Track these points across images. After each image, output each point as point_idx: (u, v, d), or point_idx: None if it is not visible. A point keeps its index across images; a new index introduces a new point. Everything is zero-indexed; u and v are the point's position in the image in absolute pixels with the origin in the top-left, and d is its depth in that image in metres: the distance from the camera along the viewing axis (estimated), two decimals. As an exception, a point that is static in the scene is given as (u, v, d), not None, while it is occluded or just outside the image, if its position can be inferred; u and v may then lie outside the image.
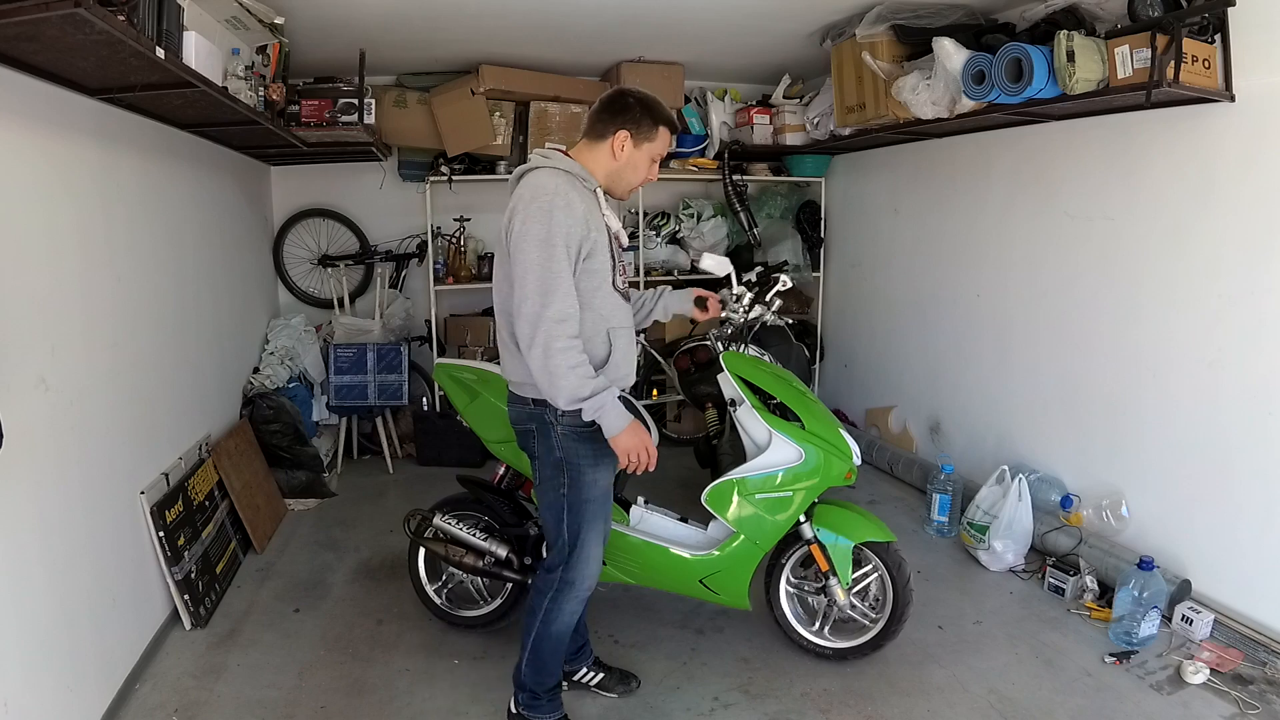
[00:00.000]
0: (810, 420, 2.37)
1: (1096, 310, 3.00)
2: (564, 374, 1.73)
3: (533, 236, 1.71)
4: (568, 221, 1.73)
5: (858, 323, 4.67)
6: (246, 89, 2.69)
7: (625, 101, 1.88)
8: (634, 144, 1.88)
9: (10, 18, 1.43)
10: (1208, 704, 2.25)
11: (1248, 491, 2.51)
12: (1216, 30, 2.43)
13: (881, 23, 3.26)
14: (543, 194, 1.74)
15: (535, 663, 2.05)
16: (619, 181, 1.92)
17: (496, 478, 2.63)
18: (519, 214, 1.75)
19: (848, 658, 2.45)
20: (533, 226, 1.71)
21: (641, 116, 1.87)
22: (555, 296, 1.71)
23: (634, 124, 1.87)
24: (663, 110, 1.91)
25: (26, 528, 1.85)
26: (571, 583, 1.97)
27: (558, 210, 1.72)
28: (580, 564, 1.96)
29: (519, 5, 3.12)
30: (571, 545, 1.95)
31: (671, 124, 1.93)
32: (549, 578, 2.00)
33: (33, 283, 1.92)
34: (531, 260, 1.71)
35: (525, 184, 1.81)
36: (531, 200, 1.74)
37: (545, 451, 1.91)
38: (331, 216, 4.48)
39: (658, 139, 1.90)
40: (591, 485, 1.92)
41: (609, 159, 1.88)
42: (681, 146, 4.56)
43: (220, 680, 2.37)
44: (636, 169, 1.91)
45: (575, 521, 1.93)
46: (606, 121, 1.88)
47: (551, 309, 1.71)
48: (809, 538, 2.37)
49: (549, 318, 1.71)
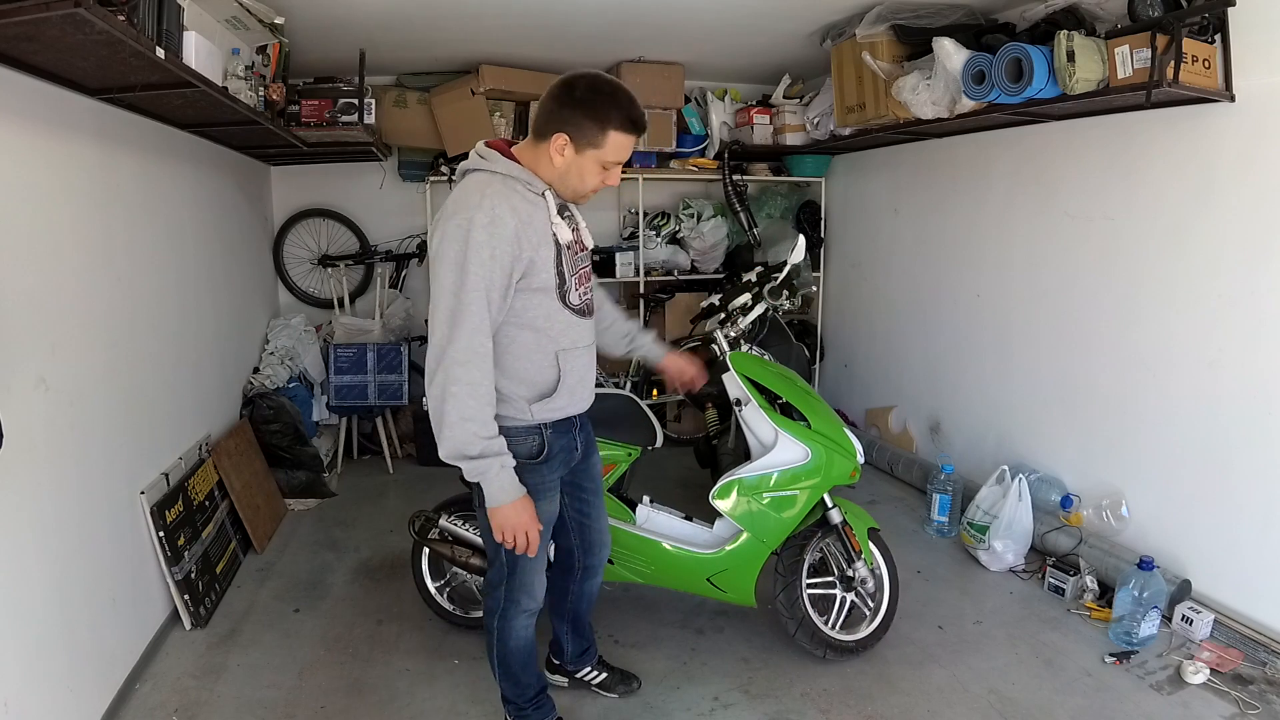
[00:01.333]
0: (816, 419, 2.39)
1: (1096, 310, 3.00)
2: (453, 424, 1.53)
3: (449, 259, 1.52)
4: (491, 243, 1.52)
5: (858, 323, 4.67)
6: (246, 89, 2.69)
7: (569, 96, 1.59)
8: (574, 149, 1.61)
9: (10, 18, 1.43)
10: (1208, 704, 2.25)
11: (1248, 491, 2.51)
12: (1216, 30, 2.43)
13: (881, 23, 3.26)
14: (465, 208, 1.53)
15: (508, 679, 2.00)
16: (565, 187, 1.68)
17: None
18: (439, 229, 1.55)
19: (866, 648, 2.46)
20: (449, 247, 1.52)
21: (584, 119, 1.58)
22: (462, 331, 1.52)
23: (574, 126, 1.59)
24: (616, 111, 1.59)
25: (26, 528, 1.85)
26: (516, 601, 1.88)
27: (477, 229, 1.51)
28: (520, 585, 1.87)
29: (519, 5, 3.12)
30: (510, 568, 1.85)
31: (629, 126, 1.61)
32: (494, 595, 1.91)
33: (33, 283, 1.92)
34: (445, 285, 1.52)
35: (454, 191, 1.63)
36: (452, 215, 1.54)
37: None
38: (332, 216, 4.48)
39: (606, 145, 1.61)
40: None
41: (549, 163, 1.64)
42: (681, 146, 4.57)
43: (220, 680, 2.37)
44: (583, 176, 1.65)
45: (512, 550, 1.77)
46: (545, 120, 1.62)
47: (458, 345, 1.52)
48: (838, 521, 2.42)
49: (451, 356, 1.52)
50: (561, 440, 1.81)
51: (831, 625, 2.45)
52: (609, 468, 2.46)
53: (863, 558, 2.47)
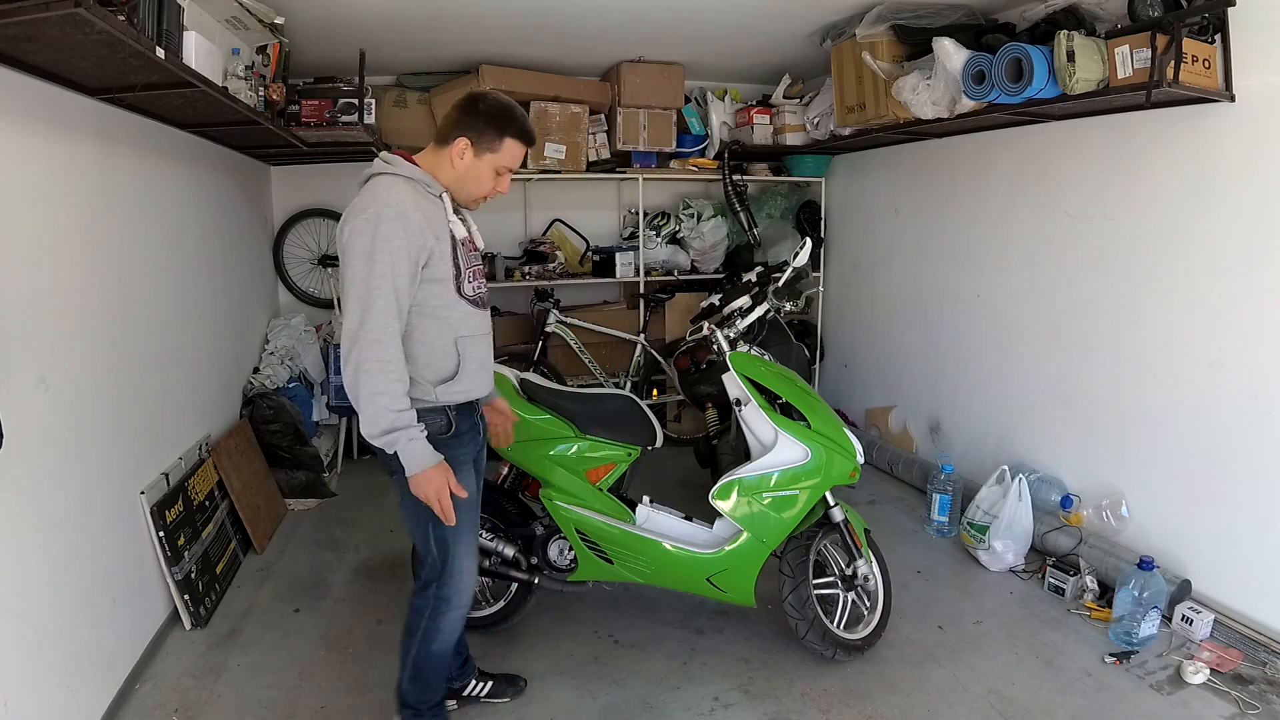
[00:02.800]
0: (816, 419, 2.39)
1: (1096, 310, 3.00)
2: (368, 399, 1.64)
3: (357, 250, 1.64)
4: (402, 233, 1.65)
5: (858, 323, 4.67)
6: (246, 89, 2.69)
7: (474, 107, 1.78)
8: (474, 153, 1.78)
9: (10, 18, 1.43)
10: (1208, 704, 2.25)
11: (1248, 491, 2.51)
12: (1216, 30, 2.43)
13: (881, 23, 3.26)
14: (374, 204, 1.66)
15: (418, 680, 1.99)
16: (461, 191, 1.82)
17: (500, 478, 2.64)
18: (348, 223, 1.67)
19: (870, 646, 2.48)
20: (358, 240, 1.64)
21: (485, 125, 1.76)
22: (373, 314, 1.63)
23: (476, 132, 1.76)
24: (513, 122, 1.79)
25: (26, 527, 1.85)
26: (448, 599, 1.90)
27: (385, 222, 1.64)
28: (454, 579, 1.89)
29: (519, 5, 3.12)
30: (442, 560, 1.87)
31: (524, 136, 1.81)
32: (425, 595, 1.92)
33: (33, 283, 1.92)
34: (355, 273, 1.64)
35: (362, 192, 1.74)
36: (361, 210, 1.66)
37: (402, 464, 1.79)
38: (332, 216, 4.48)
39: (502, 150, 1.79)
40: (456, 497, 1.81)
41: (449, 166, 1.79)
42: (681, 146, 4.57)
43: (220, 680, 2.37)
44: (479, 179, 1.81)
45: (443, 535, 1.85)
46: (449, 127, 1.79)
47: (369, 326, 1.63)
48: (840, 519, 2.44)
49: (364, 337, 1.63)
50: (467, 420, 1.91)
51: (836, 625, 2.46)
52: (609, 468, 2.46)
53: (863, 555, 2.48)
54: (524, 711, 2.24)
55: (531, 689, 2.34)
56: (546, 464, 2.42)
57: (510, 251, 4.68)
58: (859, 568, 2.48)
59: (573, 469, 2.43)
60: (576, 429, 2.43)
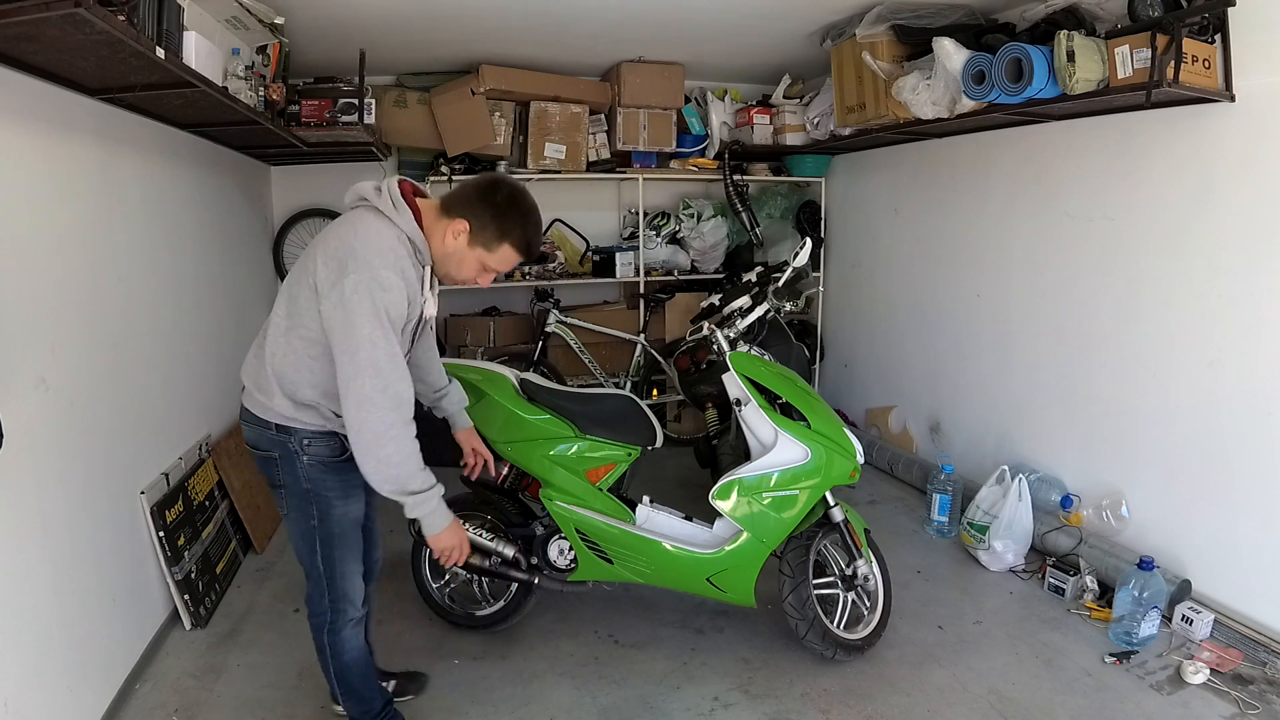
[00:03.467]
0: (816, 419, 2.39)
1: (1096, 310, 3.00)
2: (397, 464, 1.64)
3: (365, 310, 1.57)
4: (399, 300, 1.63)
5: (858, 323, 4.67)
6: (246, 89, 2.69)
7: (491, 197, 1.72)
8: (469, 241, 1.72)
9: (10, 18, 1.43)
10: (1208, 704, 2.25)
11: (1247, 491, 2.51)
12: (1216, 30, 2.43)
13: (881, 23, 3.26)
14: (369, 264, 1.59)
15: (351, 696, 2.00)
16: (442, 266, 1.77)
17: (500, 478, 2.63)
18: (351, 271, 1.58)
19: (870, 646, 2.48)
20: (364, 299, 1.57)
21: (491, 220, 1.71)
22: (395, 378, 1.61)
23: (480, 222, 1.71)
24: (519, 230, 1.73)
25: (26, 527, 1.85)
26: (341, 611, 1.90)
27: (393, 290, 1.61)
28: (340, 593, 1.89)
29: (519, 5, 3.12)
30: (328, 577, 1.87)
31: (523, 249, 1.75)
32: (318, 612, 1.91)
33: (33, 282, 1.92)
34: (363, 335, 1.57)
35: (357, 227, 1.65)
36: (366, 263, 1.59)
37: (291, 481, 1.80)
38: (332, 216, 4.43)
39: (496, 253, 1.74)
40: (342, 518, 1.83)
41: (442, 239, 1.73)
42: (681, 146, 4.57)
43: (220, 680, 2.37)
44: (462, 265, 1.76)
45: (329, 554, 1.84)
46: (460, 202, 1.73)
47: (390, 392, 1.60)
48: (840, 519, 2.45)
49: (386, 404, 1.60)
50: None
51: (836, 625, 2.46)
52: (609, 468, 2.46)
53: (863, 555, 2.48)
54: (524, 711, 2.24)
55: (531, 689, 2.34)
56: (546, 464, 2.42)
57: (510, 251, 4.67)
58: (859, 568, 2.48)
59: (573, 469, 2.43)
60: (576, 429, 2.43)
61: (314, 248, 1.71)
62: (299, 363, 1.71)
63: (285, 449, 1.77)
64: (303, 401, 1.74)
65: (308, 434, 1.77)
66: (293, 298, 1.70)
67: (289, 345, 1.71)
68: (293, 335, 1.70)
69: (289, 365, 1.72)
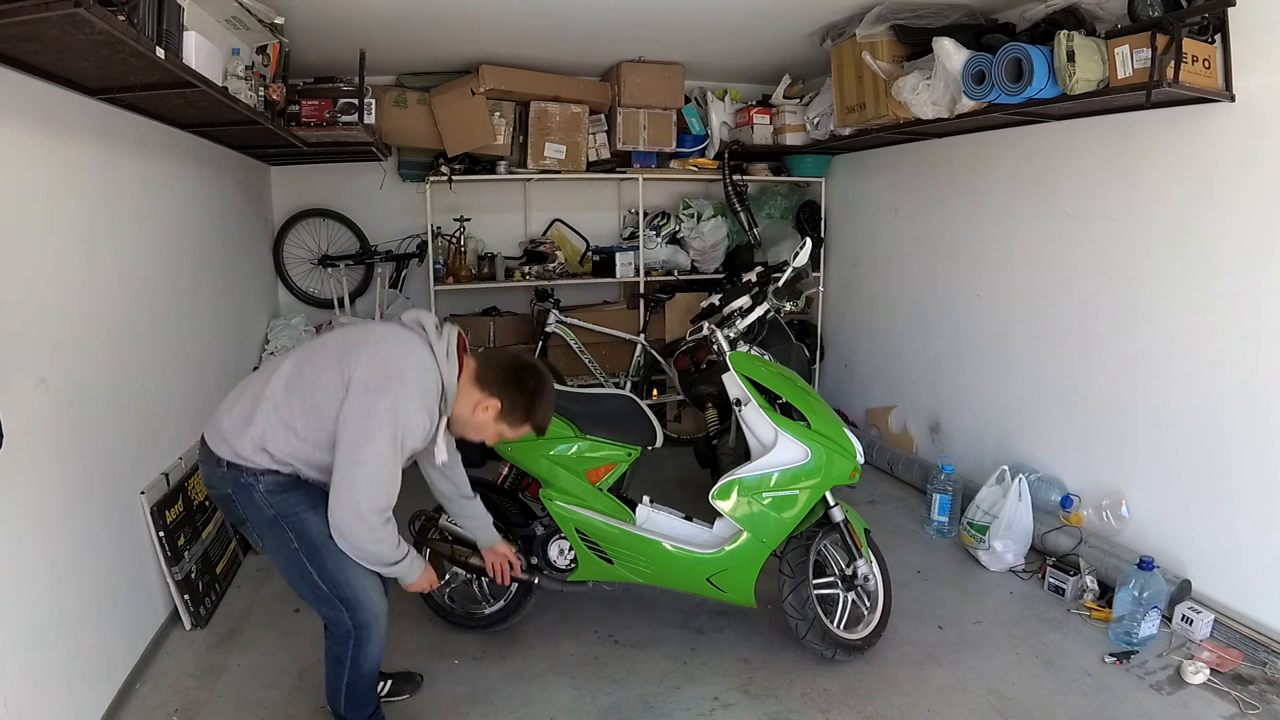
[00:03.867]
0: (816, 419, 2.39)
1: (1096, 310, 3.00)
2: (375, 553, 1.76)
3: (388, 431, 1.66)
4: (419, 435, 1.74)
5: (858, 323, 4.67)
6: (246, 89, 2.69)
7: (524, 385, 1.85)
8: (495, 417, 1.85)
9: (10, 18, 1.43)
10: (1208, 704, 2.25)
11: (1248, 491, 2.51)
12: (1216, 30, 2.43)
13: (881, 23, 3.26)
14: (423, 397, 1.72)
15: (355, 700, 1.97)
16: (459, 424, 1.88)
17: (500, 478, 2.64)
18: (393, 392, 1.67)
19: (870, 646, 2.48)
20: (391, 422, 1.66)
21: (521, 406, 1.85)
22: (388, 495, 1.72)
23: (510, 405, 1.84)
24: (538, 414, 1.89)
25: (27, 528, 1.85)
26: (365, 625, 1.87)
27: (420, 426, 1.72)
28: (357, 603, 1.85)
29: (519, 5, 3.12)
30: (337, 594, 1.83)
31: (539, 428, 1.92)
32: (339, 632, 1.88)
33: (34, 282, 1.92)
34: (376, 450, 1.66)
35: (418, 363, 1.73)
36: (409, 394, 1.69)
37: (254, 513, 1.79)
38: (331, 216, 4.48)
39: (516, 429, 1.89)
40: (317, 524, 1.77)
41: (471, 409, 1.83)
42: (681, 146, 4.57)
43: (220, 680, 2.37)
44: (481, 432, 1.89)
45: (323, 567, 1.80)
46: (495, 382, 1.84)
47: (378, 507, 1.71)
48: (840, 519, 2.45)
49: (375, 519, 1.71)
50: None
51: (836, 625, 2.46)
52: (608, 468, 2.46)
53: (863, 555, 2.48)
54: (524, 711, 2.24)
55: (531, 689, 2.34)
56: (546, 464, 2.42)
57: (510, 251, 4.68)
58: (859, 568, 2.48)
59: (573, 469, 2.43)
60: (576, 429, 2.43)
61: (358, 341, 1.75)
62: (287, 422, 1.73)
63: (238, 483, 1.77)
64: (271, 453, 1.74)
65: (257, 469, 1.76)
66: (314, 366, 1.74)
67: (286, 401, 1.73)
68: (292, 396, 1.73)
69: (275, 421, 1.73)
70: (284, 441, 1.74)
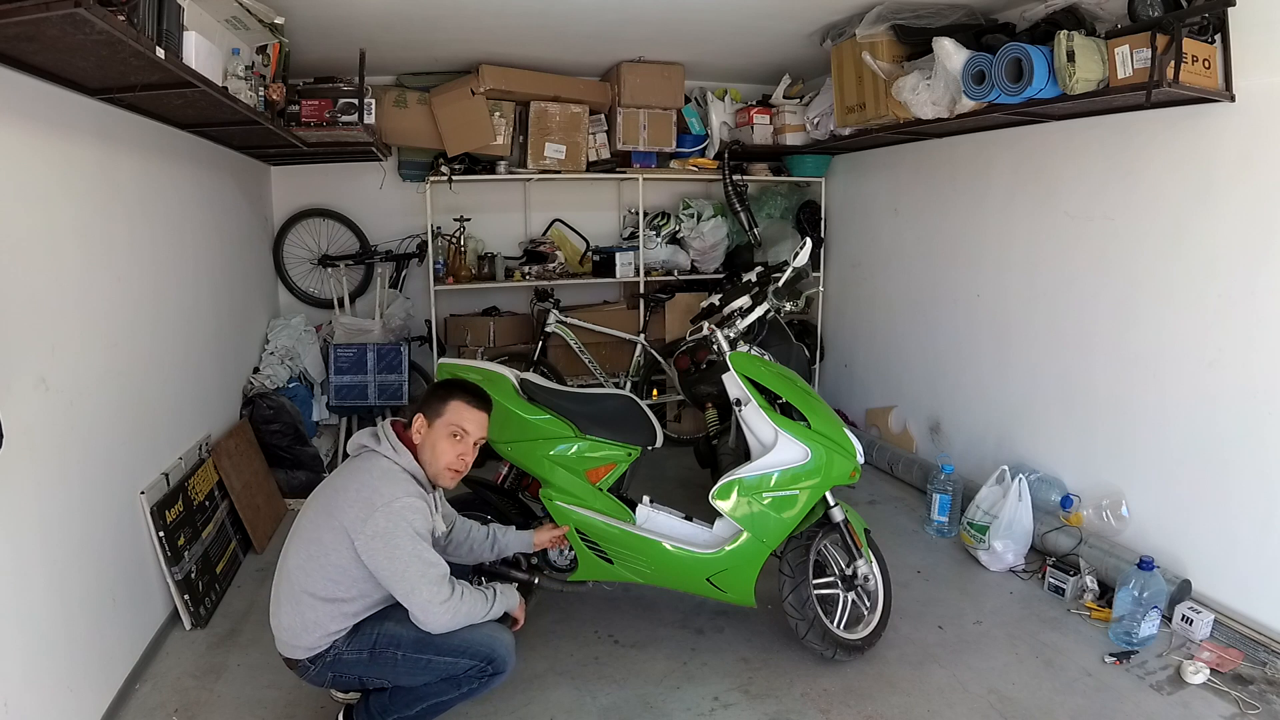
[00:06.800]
0: (816, 419, 2.39)
1: (1096, 310, 3.00)
2: (477, 610, 1.91)
3: (402, 534, 1.80)
4: (424, 516, 1.86)
5: (858, 323, 4.67)
6: (246, 89, 2.69)
7: (430, 392, 2.03)
8: (426, 425, 1.96)
9: (10, 18, 1.43)
10: (1208, 704, 2.25)
11: (1247, 491, 2.51)
12: (1216, 30, 2.43)
13: (881, 23, 3.26)
14: (391, 496, 1.82)
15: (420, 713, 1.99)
16: (431, 468, 1.96)
17: (500, 477, 2.64)
18: (379, 508, 1.80)
19: (870, 646, 2.48)
20: (397, 526, 1.79)
21: (430, 399, 1.99)
22: (440, 572, 1.85)
23: (427, 408, 1.97)
24: (455, 386, 2.01)
25: (27, 528, 1.85)
26: (502, 659, 1.95)
27: (418, 511, 1.84)
28: (492, 651, 1.94)
29: (519, 5, 3.12)
30: (467, 654, 1.91)
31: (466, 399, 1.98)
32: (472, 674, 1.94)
33: (33, 282, 1.92)
34: (407, 553, 1.80)
35: (379, 473, 1.87)
36: (390, 499, 1.81)
37: (357, 668, 1.90)
38: (331, 216, 4.48)
39: (446, 414, 1.96)
40: (398, 624, 1.89)
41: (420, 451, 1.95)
42: (681, 146, 4.57)
43: (220, 680, 2.37)
44: (436, 447, 1.95)
45: (437, 647, 1.89)
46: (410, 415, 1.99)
47: (440, 585, 1.84)
48: (840, 519, 2.45)
49: (441, 596, 1.83)
50: None
51: (836, 625, 2.46)
52: (609, 468, 2.46)
53: (863, 555, 2.48)
54: (524, 711, 2.25)
55: (531, 689, 2.34)
56: (546, 464, 2.43)
57: (510, 251, 4.68)
58: (859, 568, 2.48)
59: (573, 469, 2.43)
60: (576, 429, 2.43)
61: (330, 497, 1.89)
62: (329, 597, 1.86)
63: (330, 664, 1.89)
64: (333, 631, 1.87)
65: (333, 644, 1.88)
66: (313, 540, 1.87)
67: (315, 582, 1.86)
68: (314, 576, 1.85)
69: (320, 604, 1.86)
70: (336, 612, 1.86)
